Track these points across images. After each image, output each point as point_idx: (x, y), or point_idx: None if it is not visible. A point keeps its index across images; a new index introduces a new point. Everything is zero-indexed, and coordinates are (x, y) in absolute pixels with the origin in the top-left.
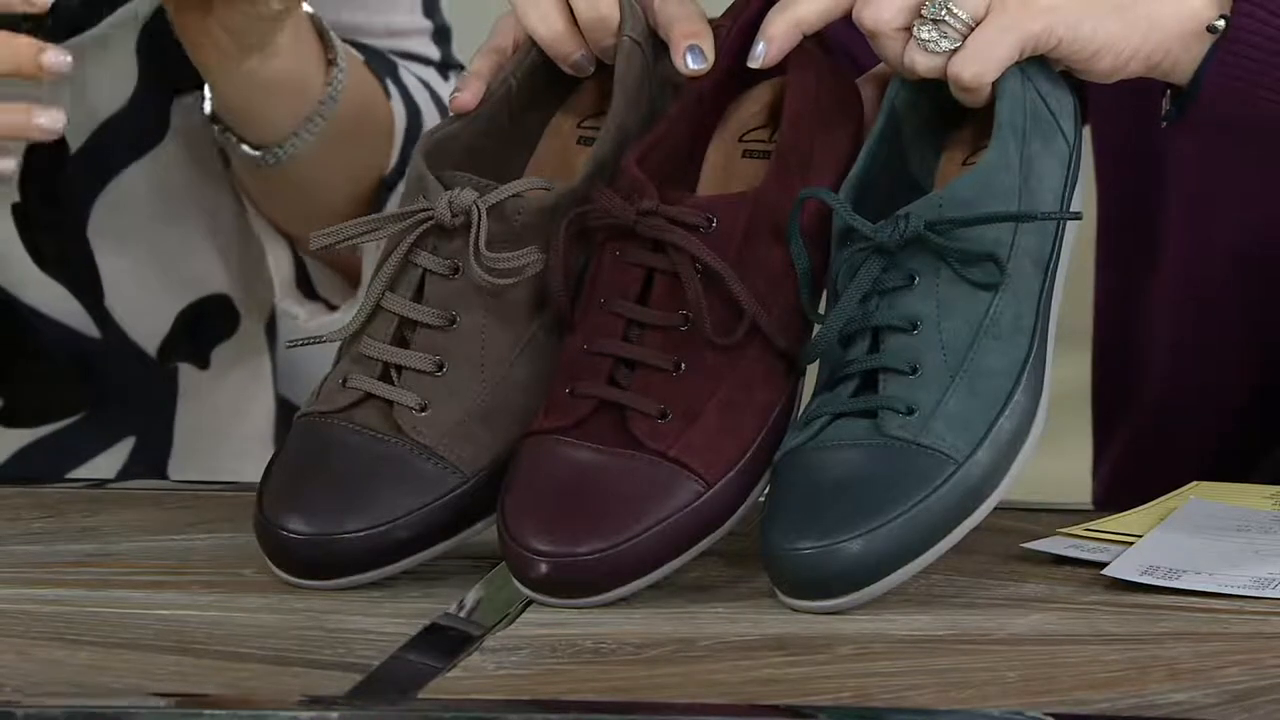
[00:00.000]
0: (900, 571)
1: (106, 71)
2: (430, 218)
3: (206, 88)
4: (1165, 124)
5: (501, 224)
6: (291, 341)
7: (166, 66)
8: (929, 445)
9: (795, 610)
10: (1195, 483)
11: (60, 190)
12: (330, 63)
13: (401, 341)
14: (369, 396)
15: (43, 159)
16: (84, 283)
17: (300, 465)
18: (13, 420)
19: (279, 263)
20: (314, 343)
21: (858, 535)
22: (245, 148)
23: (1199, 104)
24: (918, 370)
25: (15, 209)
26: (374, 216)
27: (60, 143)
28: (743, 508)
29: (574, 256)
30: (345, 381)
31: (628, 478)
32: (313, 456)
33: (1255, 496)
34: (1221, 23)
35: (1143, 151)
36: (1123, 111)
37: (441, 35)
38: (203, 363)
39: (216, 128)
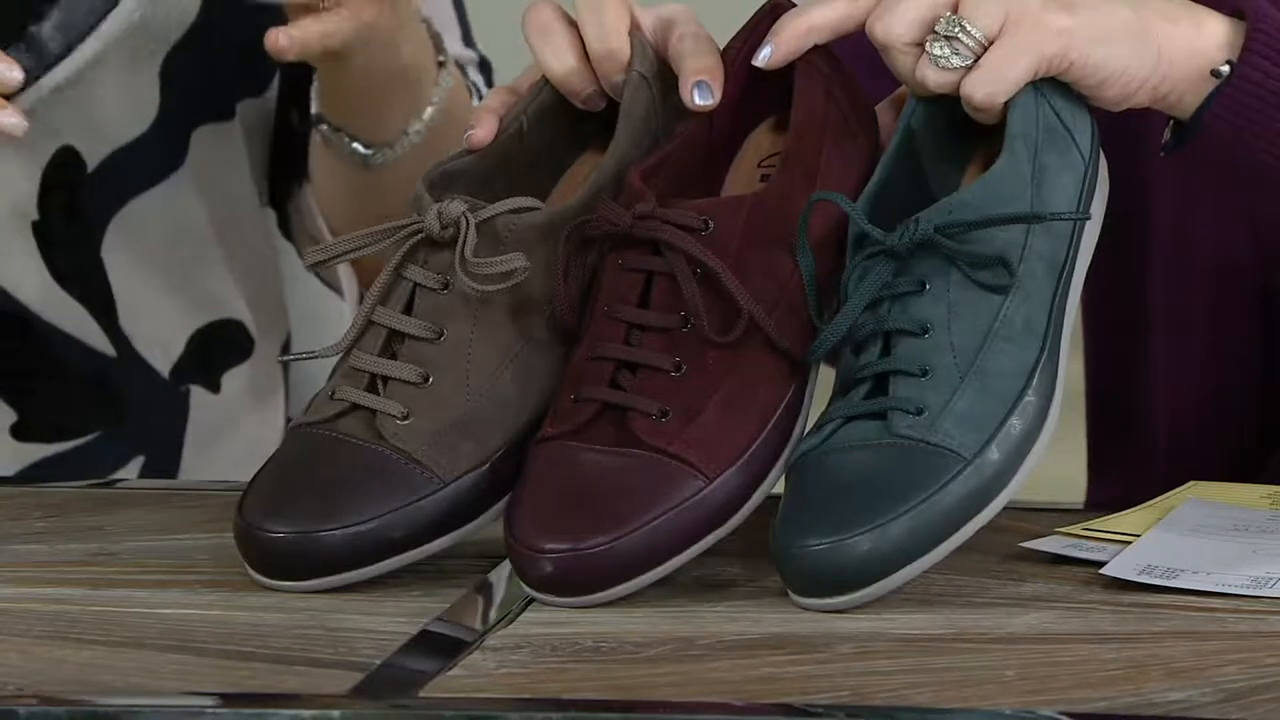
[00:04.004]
0: (910, 568)
1: (128, 98)
2: (419, 230)
3: (313, 90)
4: (1164, 153)
5: (492, 241)
6: (282, 357)
7: (189, 96)
8: (938, 443)
9: (806, 608)
10: (1192, 482)
11: (77, 208)
12: (440, 64)
13: (390, 354)
14: (355, 407)
15: (61, 177)
16: (98, 301)
17: (279, 471)
18: (26, 434)
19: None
20: (307, 358)
21: (867, 531)
22: (358, 145)
23: (1197, 140)
24: (928, 373)
25: (35, 226)
26: (366, 231)
27: (79, 161)
28: (746, 506)
29: (580, 270)
30: (334, 393)
31: (628, 474)
32: (292, 463)
33: (1252, 496)
34: (1226, 68)
35: (1129, 173)
36: (1112, 131)
37: (485, 66)
38: (213, 386)
39: (325, 127)
